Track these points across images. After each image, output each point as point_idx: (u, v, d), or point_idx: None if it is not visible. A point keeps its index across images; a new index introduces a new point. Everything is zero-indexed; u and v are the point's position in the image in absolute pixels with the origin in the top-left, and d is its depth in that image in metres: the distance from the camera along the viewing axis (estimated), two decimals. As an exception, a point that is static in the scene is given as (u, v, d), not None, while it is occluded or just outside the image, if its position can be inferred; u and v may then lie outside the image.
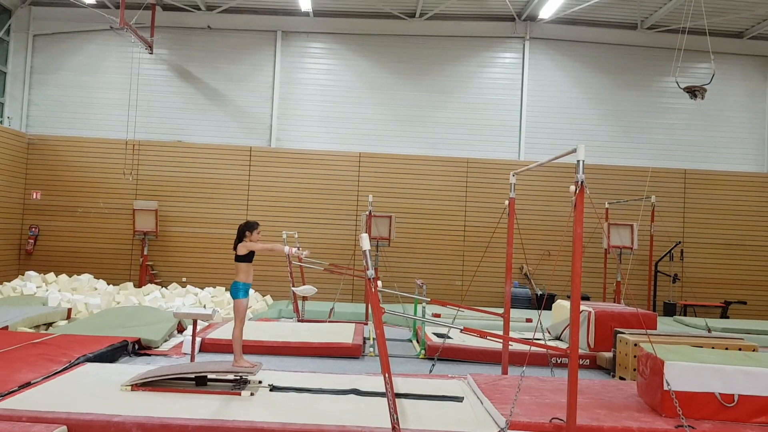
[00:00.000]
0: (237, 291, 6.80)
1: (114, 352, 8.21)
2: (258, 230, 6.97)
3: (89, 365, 7.12)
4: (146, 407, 5.47)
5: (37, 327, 9.80)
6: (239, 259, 6.85)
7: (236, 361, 6.64)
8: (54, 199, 15.40)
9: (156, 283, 14.74)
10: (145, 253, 15.06)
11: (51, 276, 13.73)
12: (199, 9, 15.65)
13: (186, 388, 6.17)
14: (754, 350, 7.96)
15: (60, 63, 15.87)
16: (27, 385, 6.11)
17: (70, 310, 10.83)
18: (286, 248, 7.00)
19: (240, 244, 6.87)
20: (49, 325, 10.13)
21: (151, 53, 15.34)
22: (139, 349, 8.88)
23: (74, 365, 7.04)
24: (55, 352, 7.45)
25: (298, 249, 7.18)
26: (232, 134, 15.85)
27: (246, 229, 6.92)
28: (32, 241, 15.22)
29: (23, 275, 13.89)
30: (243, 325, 6.83)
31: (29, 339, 8.17)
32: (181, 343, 9.15)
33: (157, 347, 9.07)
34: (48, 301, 11.38)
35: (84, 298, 11.85)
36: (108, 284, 14.02)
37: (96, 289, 13.44)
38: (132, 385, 6.05)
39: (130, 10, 14.43)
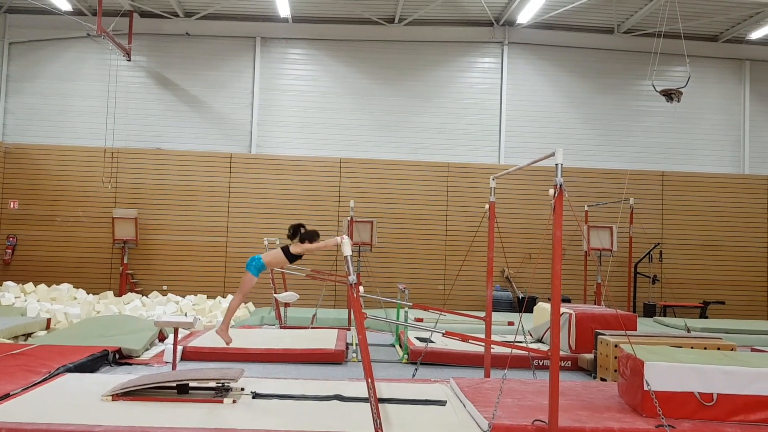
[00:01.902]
0: (251, 266, 6.75)
1: (94, 362, 8.12)
2: (317, 241, 6.97)
3: (69, 376, 7.04)
4: (127, 417, 5.43)
5: (15, 338, 9.68)
6: (286, 253, 6.80)
7: (219, 328, 6.84)
8: (32, 208, 15.24)
9: (136, 292, 14.63)
10: (125, 261, 14.95)
11: (30, 286, 13.57)
12: (177, 16, 15.59)
13: (168, 396, 6.12)
14: (732, 349, 8.05)
15: (37, 71, 15.73)
16: (6, 396, 6.04)
17: (49, 320, 10.70)
18: (337, 238, 6.27)
19: (296, 244, 6.82)
20: (28, 335, 10.01)
21: (129, 60, 15.25)
22: (120, 358, 8.80)
23: (54, 376, 6.96)
24: (35, 363, 7.36)
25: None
26: (211, 141, 15.80)
27: (308, 238, 6.82)
28: (10, 250, 15.05)
29: (1, 285, 13.71)
30: (242, 298, 6.85)
31: (8, 350, 8.06)
32: (163, 351, 9.08)
33: (138, 356, 9.00)
34: (27, 312, 11.24)
35: (63, 308, 11.73)
36: (88, 293, 13.88)
37: (75, 298, 13.31)
38: (113, 395, 6.00)
39: (108, 17, 14.33)
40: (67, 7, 14.88)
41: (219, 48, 15.98)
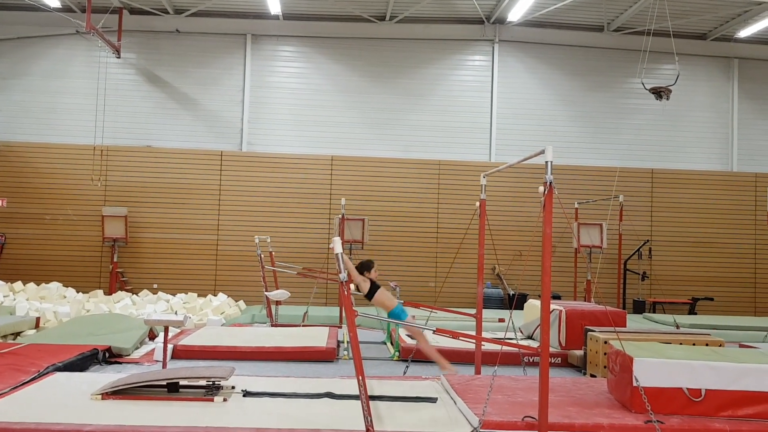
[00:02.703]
0: (398, 316, 7.14)
1: (84, 361, 8.09)
2: (375, 268, 7.25)
3: (59, 374, 7.02)
4: (117, 416, 5.41)
5: (4, 337, 9.63)
6: (369, 296, 7.07)
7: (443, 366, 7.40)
8: (21, 206, 15.14)
9: (126, 290, 14.56)
10: (115, 260, 14.89)
11: (18, 285, 13.48)
12: (167, 12, 15.52)
13: (158, 395, 6.11)
14: (720, 345, 8.09)
15: (25, 68, 15.63)
16: (-5, 395, 6.01)
17: (38, 319, 10.65)
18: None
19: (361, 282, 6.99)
20: (17, 334, 9.96)
21: (119, 57, 15.20)
22: (110, 357, 8.76)
23: (43, 375, 6.94)
24: (24, 362, 7.32)
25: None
26: (202, 139, 15.75)
27: (364, 268, 6.93)
28: (-1, 249, 14.96)
29: (-11, 284, 13.64)
30: (424, 338, 7.30)
31: (-4, 349, 8.02)
32: (153, 350, 9.06)
33: (128, 355, 8.97)
34: (16, 310, 11.17)
35: (53, 307, 11.67)
36: (77, 292, 13.80)
37: (65, 297, 13.24)
38: (102, 394, 5.98)
39: (97, 14, 14.25)
40: (55, 3, 14.78)
41: (209, 45, 15.93)
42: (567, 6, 14.92)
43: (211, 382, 6.33)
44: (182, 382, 6.33)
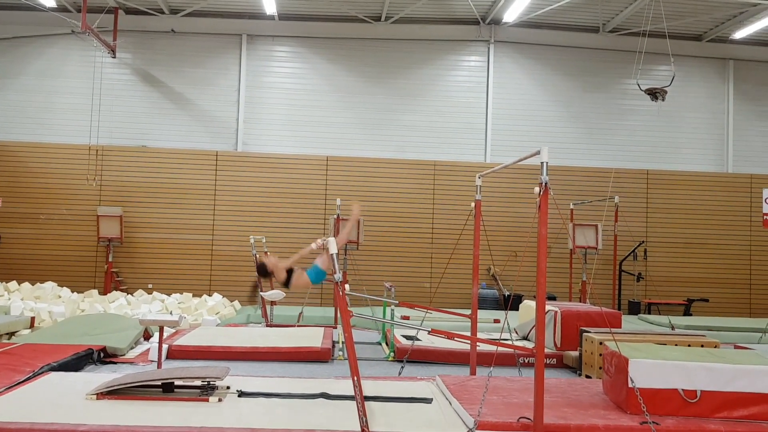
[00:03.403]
0: (318, 275, 6.23)
1: (79, 361, 8.08)
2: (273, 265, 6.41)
3: (53, 374, 7.00)
4: (112, 416, 5.40)
5: (-2, 336, 9.62)
6: (287, 284, 6.34)
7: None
8: (16, 205, 15.08)
9: (121, 290, 14.53)
10: (110, 259, 14.85)
11: (13, 284, 13.45)
12: (163, 12, 15.49)
13: (153, 395, 6.10)
14: (715, 346, 8.12)
15: (20, 68, 15.58)
16: (-11, 396, 5.99)
17: (33, 318, 10.64)
18: (312, 245, 6.05)
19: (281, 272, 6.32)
20: (11, 334, 9.94)
21: (114, 57, 15.17)
22: (105, 357, 8.75)
23: (38, 375, 6.92)
24: (18, 362, 7.30)
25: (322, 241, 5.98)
26: (197, 139, 15.73)
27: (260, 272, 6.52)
28: (-7, 249, 14.91)
29: (-16, 284, 13.60)
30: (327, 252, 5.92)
31: (-9, 349, 8.00)
32: (148, 350, 9.05)
33: (123, 355, 8.95)
34: (10, 310, 11.15)
35: (48, 307, 11.64)
36: (72, 292, 13.77)
37: (60, 296, 13.21)
38: (97, 394, 5.97)
39: (92, 13, 14.22)
40: (51, 3, 14.74)
41: (205, 45, 15.90)
42: (562, 7, 14.94)
43: (206, 383, 6.33)
44: (177, 382, 6.32)
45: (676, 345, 7.64)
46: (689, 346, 7.80)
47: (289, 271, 6.29)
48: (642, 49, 13.70)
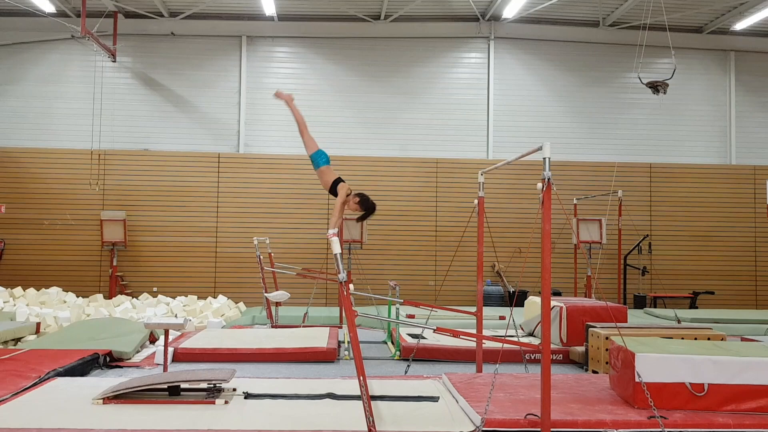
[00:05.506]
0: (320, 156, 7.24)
1: (85, 366, 8.08)
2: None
3: (60, 380, 7.01)
4: (119, 420, 5.41)
5: (5, 343, 9.61)
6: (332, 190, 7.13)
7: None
8: (19, 212, 15.10)
9: (126, 294, 14.55)
10: (114, 264, 14.87)
11: (18, 290, 13.47)
12: (162, 16, 15.49)
13: (159, 398, 6.10)
14: (722, 339, 8.10)
15: (21, 73, 15.60)
16: (-5, 402, 5.99)
17: (38, 324, 10.64)
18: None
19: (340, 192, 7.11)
20: (17, 340, 9.94)
21: (115, 61, 15.17)
22: (111, 361, 8.75)
23: (44, 380, 6.92)
24: (24, 368, 7.31)
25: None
26: (199, 141, 15.73)
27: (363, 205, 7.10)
28: (-3, 255, 14.93)
29: (-11, 290, 13.61)
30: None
31: (-3, 355, 8.01)
32: (154, 353, 9.05)
33: (129, 359, 8.95)
34: (16, 316, 11.17)
35: (53, 312, 11.66)
36: (77, 297, 13.80)
37: (65, 302, 13.23)
38: (104, 398, 5.97)
39: (92, 18, 14.24)
40: (50, 8, 14.75)
41: (205, 47, 15.90)
42: (562, 2, 14.90)
43: (212, 385, 6.32)
44: (183, 385, 6.32)
45: (682, 338, 7.62)
46: (696, 339, 7.78)
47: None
48: (642, 43, 13.66)
